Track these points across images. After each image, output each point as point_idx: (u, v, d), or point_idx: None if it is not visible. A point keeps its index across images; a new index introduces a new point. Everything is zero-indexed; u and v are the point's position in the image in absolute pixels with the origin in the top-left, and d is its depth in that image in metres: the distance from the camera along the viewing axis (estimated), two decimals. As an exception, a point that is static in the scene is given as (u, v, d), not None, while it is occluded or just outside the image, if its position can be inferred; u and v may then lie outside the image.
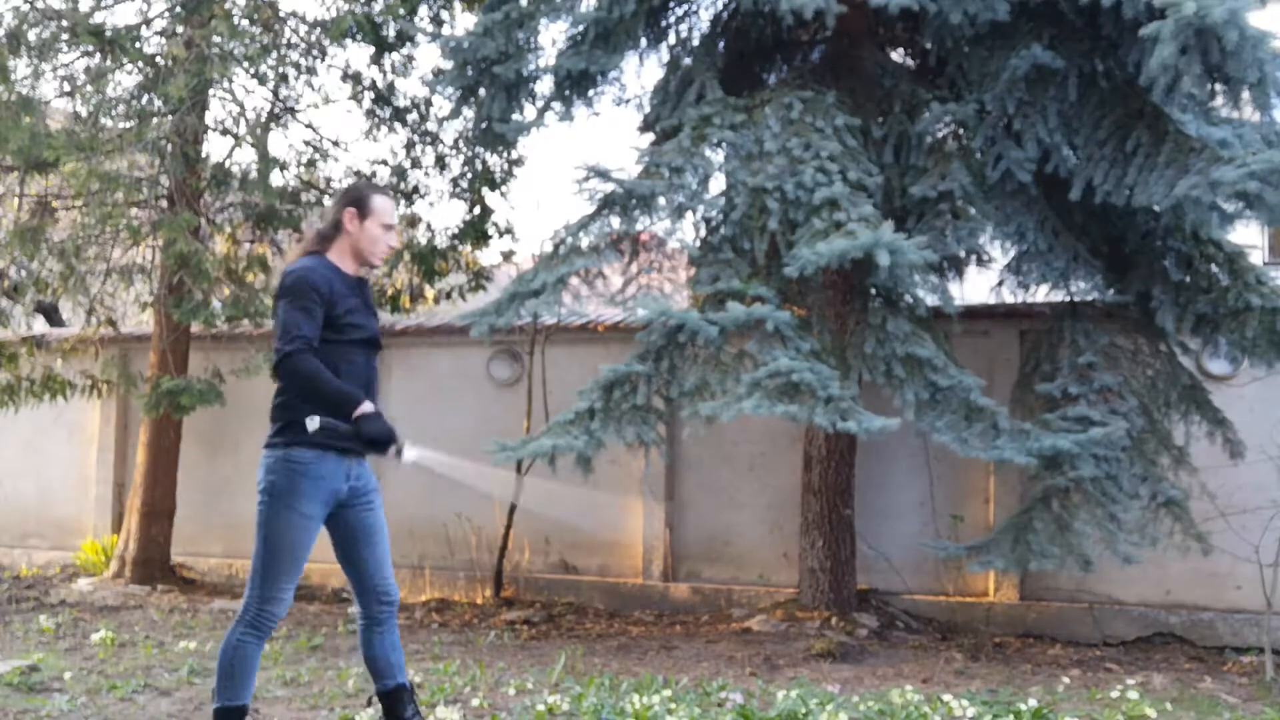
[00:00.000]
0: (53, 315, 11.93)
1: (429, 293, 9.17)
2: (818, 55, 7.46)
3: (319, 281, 3.65)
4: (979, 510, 7.73)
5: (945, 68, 6.89)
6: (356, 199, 3.80)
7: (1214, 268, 6.64)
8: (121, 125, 8.17)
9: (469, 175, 8.76)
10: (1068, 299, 7.05)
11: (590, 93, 7.23)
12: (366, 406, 3.60)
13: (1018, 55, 6.20)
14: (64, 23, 7.90)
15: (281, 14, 8.45)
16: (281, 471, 3.63)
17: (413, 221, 9.10)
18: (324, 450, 3.64)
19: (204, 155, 8.47)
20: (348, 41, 8.38)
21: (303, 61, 8.52)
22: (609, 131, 18.05)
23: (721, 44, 7.45)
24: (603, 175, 6.31)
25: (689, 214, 6.58)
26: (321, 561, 9.26)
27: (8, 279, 9.00)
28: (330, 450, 3.65)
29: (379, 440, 3.61)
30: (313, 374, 3.57)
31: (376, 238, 3.80)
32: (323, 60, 8.62)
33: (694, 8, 7.59)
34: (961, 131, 6.79)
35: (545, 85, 7.12)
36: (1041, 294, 7.18)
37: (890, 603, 7.66)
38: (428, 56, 25.89)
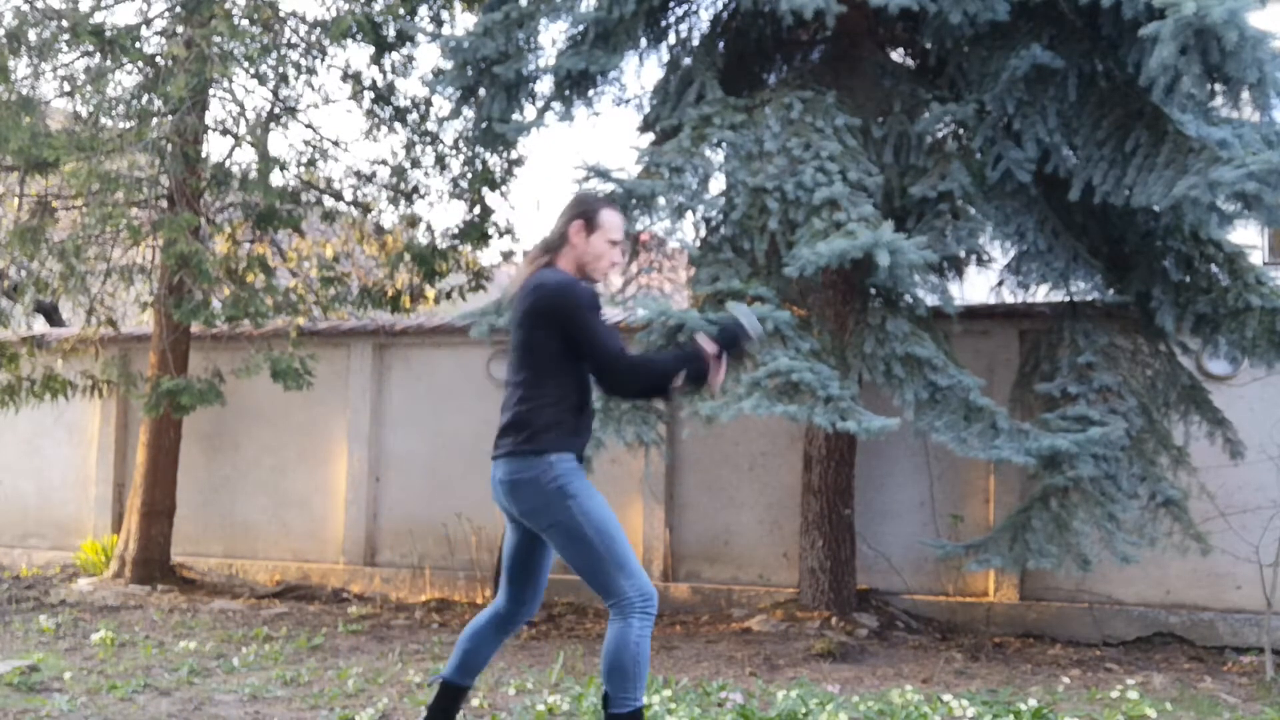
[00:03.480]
0: (53, 315, 11.92)
1: (429, 293, 9.17)
2: (818, 55, 7.46)
3: (588, 288, 3.61)
4: (979, 510, 7.74)
5: (945, 68, 6.89)
6: (585, 212, 3.68)
7: (1214, 268, 6.64)
8: (121, 125, 8.17)
9: (469, 175, 8.76)
10: (1067, 299, 7.05)
11: (590, 93, 7.23)
12: (703, 339, 3.59)
13: (1017, 55, 6.20)
14: (64, 23, 7.90)
15: (281, 14, 8.44)
16: (564, 471, 3.57)
17: (413, 221, 9.11)
18: (576, 455, 3.62)
19: (204, 155, 8.47)
20: (348, 41, 8.37)
21: (303, 61, 8.52)
22: (609, 131, 18.05)
23: (721, 44, 7.45)
24: (603, 175, 6.32)
25: (689, 214, 6.58)
26: (320, 561, 9.36)
27: (8, 279, 9.00)
28: (573, 454, 3.62)
29: (736, 342, 3.61)
30: (645, 361, 3.60)
31: (602, 253, 3.68)
32: (323, 60, 8.62)
33: (694, 8, 7.59)
34: (961, 131, 6.79)
35: (545, 85, 7.12)
36: (1041, 294, 7.18)
37: (890, 603, 7.66)
38: (428, 56, 25.99)
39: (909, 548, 7.75)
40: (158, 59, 8.08)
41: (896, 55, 7.62)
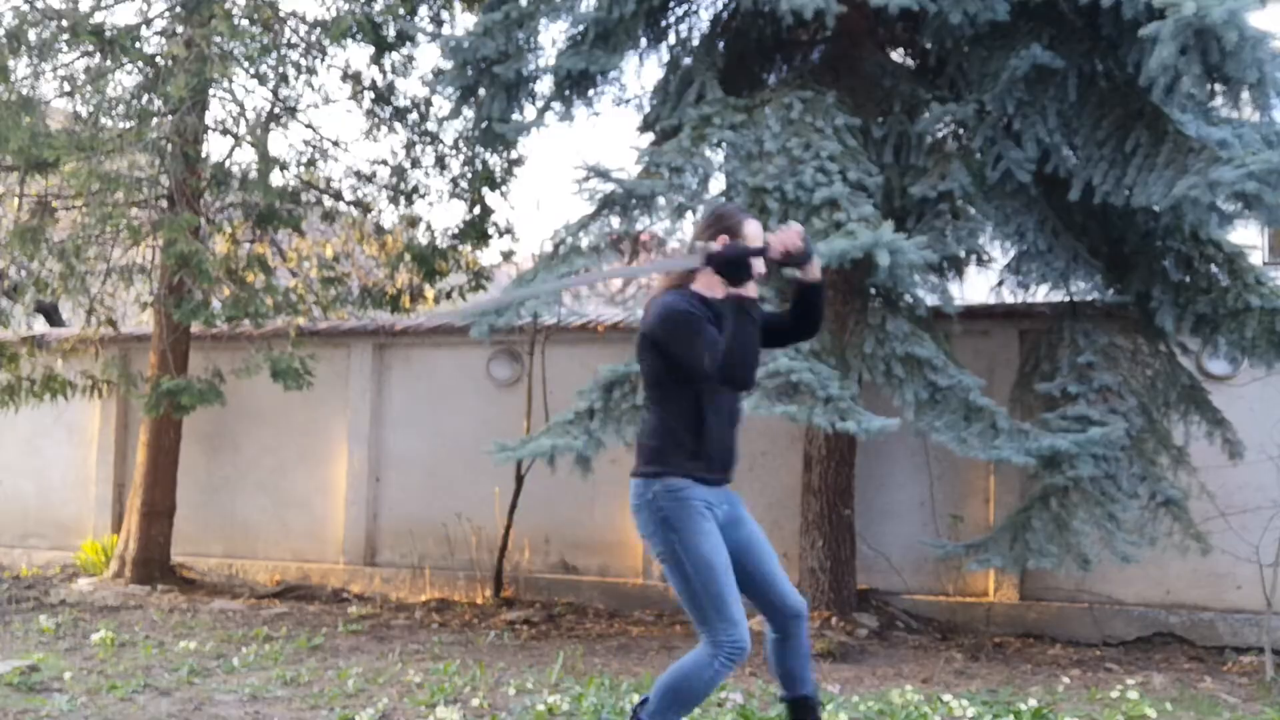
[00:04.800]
0: (53, 315, 11.92)
1: (429, 293, 9.17)
2: (818, 55, 7.46)
3: (688, 305, 3.59)
4: (979, 510, 7.73)
5: (945, 68, 6.89)
6: (728, 227, 3.66)
7: (1214, 268, 6.64)
8: (121, 125, 8.17)
9: (469, 175, 8.76)
10: (1067, 299, 7.05)
11: (590, 93, 7.23)
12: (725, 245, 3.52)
13: (1017, 55, 6.20)
14: (64, 23, 7.90)
15: (281, 14, 8.44)
16: (672, 502, 3.57)
17: (413, 221, 9.11)
18: (696, 481, 3.60)
19: (204, 155, 8.48)
20: (348, 41, 8.37)
21: (303, 61, 8.53)
22: (609, 131, 18.04)
23: (721, 44, 7.45)
24: (603, 175, 6.32)
25: (689, 214, 6.58)
26: (320, 561, 9.36)
27: (8, 279, 9.00)
28: (695, 480, 3.60)
29: (738, 262, 3.53)
30: (714, 346, 3.47)
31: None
32: (323, 60, 8.62)
33: (694, 8, 7.59)
34: (961, 131, 6.80)
35: (545, 85, 7.12)
36: (1041, 294, 7.18)
37: (890, 603, 7.66)
38: (428, 56, 25.91)
39: (909, 548, 7.74)
40: (158, 59, 8.08)
41: (896, 55, 7.61)
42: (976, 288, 8.00)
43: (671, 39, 7.59)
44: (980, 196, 6.46)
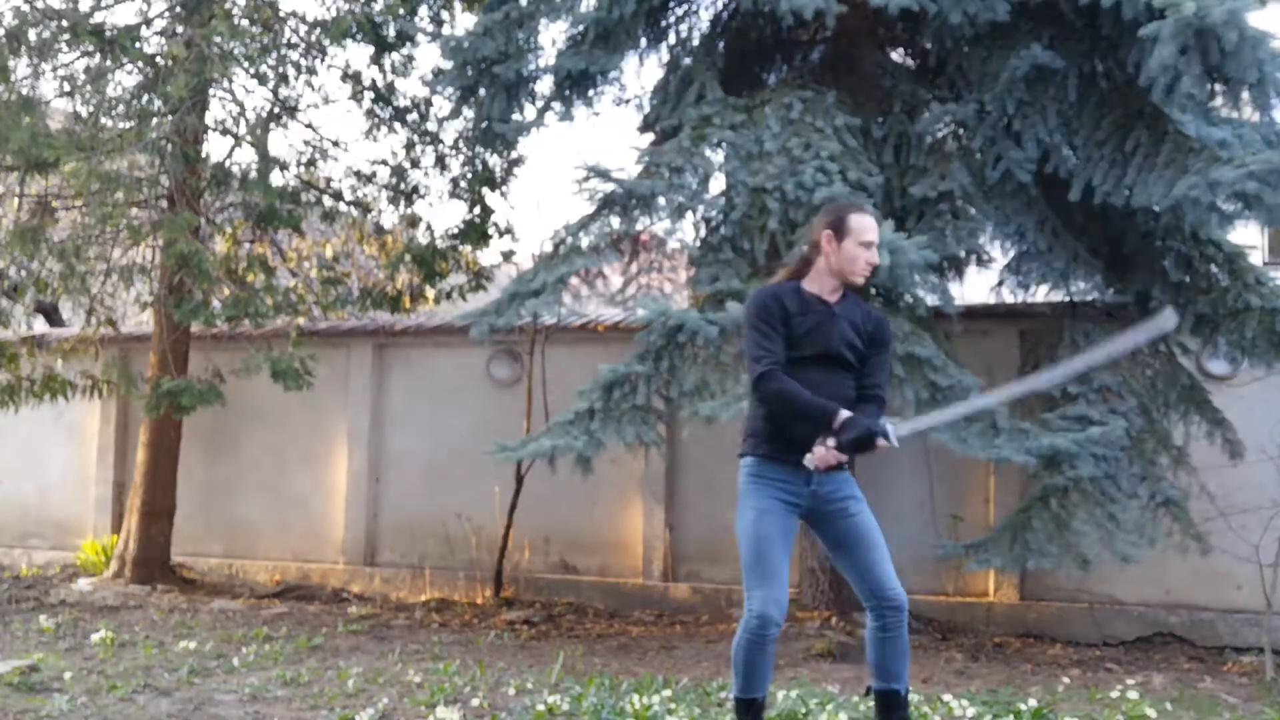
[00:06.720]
0: (53, 315, 11.92)
1: (429, 293, 9.17)
2: (818, 55, 7.46)
3: (769, 302, 3.76)
4: (979, 510, 7.73)
5: (945, 68, 6.89)
6: (834, 221, 3.80)
7: (1214, 268, 6.64)
8: (121, 125, 8.17)
9: (469, 175, 8.75)
10: (1068, 299, 7.05)
11: (590, 93, 7.23)
12: (842, 415, 3.65)
13: (1017, 55, 6.20)
14: (64, 23, 7.90)
15: (281, 14, 8.44)
16: (747, 477, 3.84)
17: (413, 222, 9.11)
18: (772, 460, 3.77)
19: (204, 155, 8.47)
20: (348, 41, 8.37)
21: (303, 61, 8.52)
22: (609, 131, 18.04)
23: (721, 44, 7.45)
24: (603, 175, 6.32)
25: (689, 214, 6.58)
26: (320, 561, 9.36)
27: (8, 279, 9.00)
28: (774, 460, 3.78)
29: (860, 442, 3.68)
30: (784, 391, 3.68)
31: (855, 256, 3.78)
32: (323, 60, 8.62)
33: (694, 8, 7.59)
34: (961, 131, 6.79)
35: (545, 85, 7.12)
36: (1041, 294, 7.18)
37: (890, 603, 7.65)
38: (428, 56, 25.91)
39: (909, 548, 7.70)
40: (158, 59, 8.08)
41: (896, 55, 7.61)
42: (976, 288, 8.00)
43: (671, 39, 7.59)
44: (980, 196, 6.45)
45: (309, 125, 8.99)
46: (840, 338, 3.79)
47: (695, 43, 7.49)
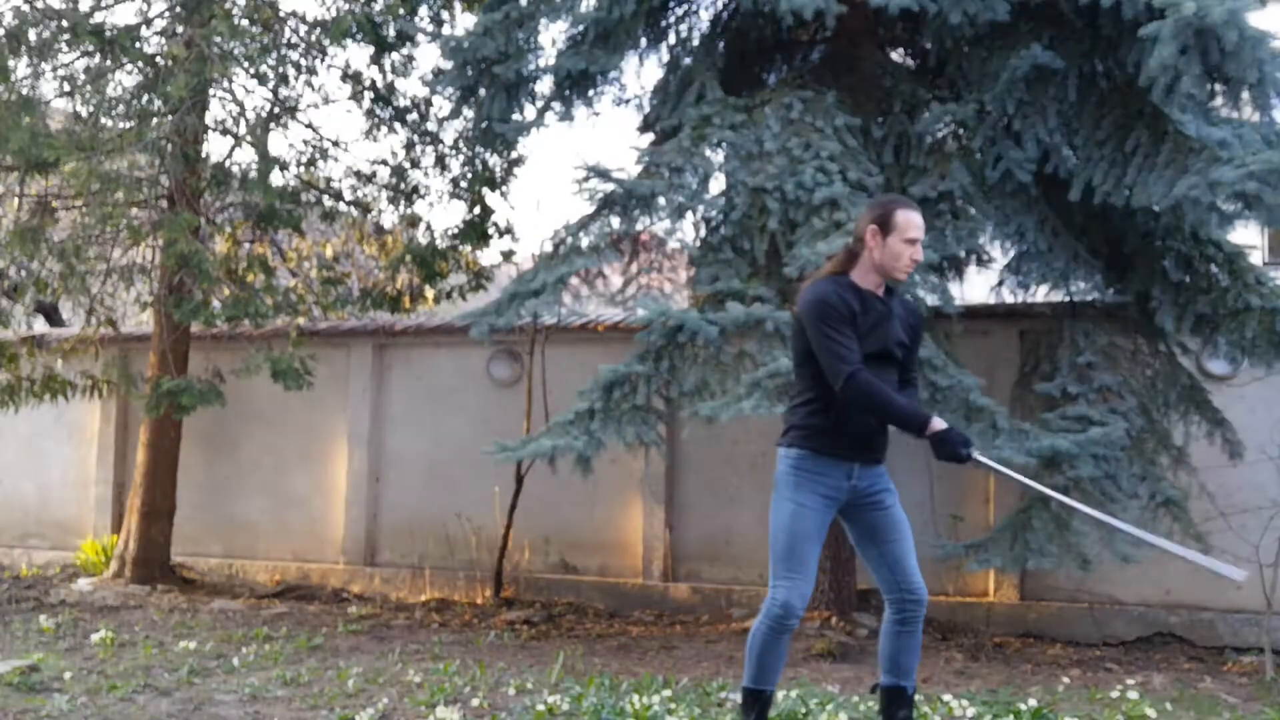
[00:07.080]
0: (53, 315, 11.92)
1: (429, 293, 9.16)
2: (818, 55, 7.46)
3: (836, 300, 3.72)
4: (979, 510, 7.73)
5: (945, 68, 6.89)
6: (879, 217, 3.77)
7: (1214, 268, 6.64)
8: (121, 125, 8.17)
9: (469, 175, 8.75)
10: (1068, 299, 7.05)
11: (590, 93, 7.22)
12: (936, 424, 3.64)
13: (1018, 55, 6.20)
14: (64, 23, 7.90)
15: (281, 14, 8.44)
16: (787, 469, 3.83)
17: (413, 221, 9.11)
18: (817, 453, 3.77)
19: (204, 155, 8.47)
20: (348, 41, 8.37)
21: (303, 61, 8.52)
22: (609, 131, 18.05)
23: (721, 44, 7.45)
24: (603, 175, 6.31)
25: (689, 214, 6.58)
26: (320, 561, 9.36)
27: (8, 279, 9.00)
28: (815, 453, 3.77)
29: (952, 457, 3.66)
30: (873, 394, 3.65)
31: (899, 253, 3.76)
32: (323, 60, 8.62)
33: (694, 8, 7.59)
34: (961, 131, 6.79)
35: (545, 85, 7.12)
36: (1041, 294, 7.17)
37: (890, 603, 7.65)
38: (428, 56, 25.95)
39: (909, 548, 7.73)
40: (158, 59, 8.08)
41: (896, 55, 7.61)
42: (976, 288, 8.00)
43: (671, 39, 7.59)
44: (980, 196, 6.45)
45: (309, 125, 8.99)
46: (893, 337, 3.80)
47: (695, 43, 7.49)
